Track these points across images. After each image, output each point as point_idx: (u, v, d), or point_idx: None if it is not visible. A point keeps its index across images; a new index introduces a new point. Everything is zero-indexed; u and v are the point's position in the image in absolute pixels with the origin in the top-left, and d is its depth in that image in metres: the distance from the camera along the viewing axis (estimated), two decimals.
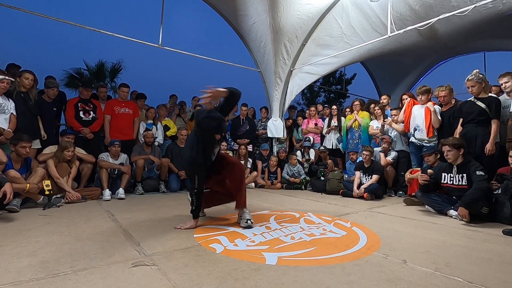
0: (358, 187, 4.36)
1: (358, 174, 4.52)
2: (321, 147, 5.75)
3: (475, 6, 3.90)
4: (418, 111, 4.27)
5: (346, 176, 5.10)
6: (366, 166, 4.49)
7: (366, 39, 5.54)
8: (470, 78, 3.44)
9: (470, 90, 3.48)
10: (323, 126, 6.20)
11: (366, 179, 4.42)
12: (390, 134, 4.90)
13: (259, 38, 6.44)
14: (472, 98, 3.54)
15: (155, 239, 2.08)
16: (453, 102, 4.13)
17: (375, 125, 5.21)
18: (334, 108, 6.10)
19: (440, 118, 4.07)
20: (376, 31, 5.43)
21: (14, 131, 3.47)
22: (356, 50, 5.72)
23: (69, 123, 4.51)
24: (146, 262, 1.63)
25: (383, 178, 4.56)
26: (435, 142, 4.07)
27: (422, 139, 4.20)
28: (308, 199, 4.27)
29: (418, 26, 4.46)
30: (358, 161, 4.83)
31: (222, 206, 3.54)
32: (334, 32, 6.09)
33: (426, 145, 4.12)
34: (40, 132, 3.99)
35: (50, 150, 3.84)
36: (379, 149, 4.88)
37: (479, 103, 3.41)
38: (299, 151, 6.32)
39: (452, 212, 3.03)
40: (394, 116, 4.80)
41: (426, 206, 3.40)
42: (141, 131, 5.06)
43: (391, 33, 4.75)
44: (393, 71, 9.04)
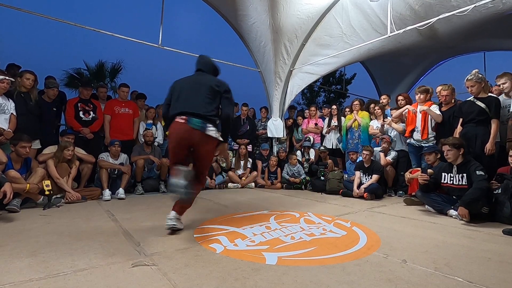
0: (358, 187, 4.36)
1: (358, 174, 4.52)
2: (321, 147, 5.75)
3: (475, 6, 3.89)
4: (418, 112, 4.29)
5: (346, 176, 5.10)
6: (366, 166, 4.49)
7: (366, 39, 5.53)
8: (469, 78, 3.44)
9: (470, 90, 3.48)
10: (323, 126, 6.20)
11: (366, 179, 4.42)
12: (390, 134, 4.90)
13: (259, 38, 6.44)
14: (471, 98, 3.54)
15: (155, 239, 2.08)
16: (453, 102, 4.13)
17: (375, 125, 5.21)
18: (334, 108, 6.10)
19: (439, 113, 4.07)
20: (376, 31, 5.43)
21: (14, 131, 3.47)
22: (356, 50, 5.72)
23: (69, 123, 4.51)
24: (146, 262, 1.63)
25: (383, 178, 4.56)
26: (433, 142, 4.09)
27: (420, 140, 4.24)
28: (308, 199, 4.27)
29: (418, 26, 4.46)
30: (358, 161, 4.83)
31: (222, 207, 3.55)
32: (334, 32, 6.09)
33: (425, 145, 4.13)
34: (40, 132, 3.98)
35: (50, 150, 3.84)
36: (379, 149, 4.88)
37: (479, 103, 3.40)
38: (299, 151, 6.32)
39: (452, 211, 3.03)
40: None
41: (426, 206, 3.40)
42: (141, 131, 5.06)
43: (391, 33, 4.75)
44: (393, 71, 9.04)
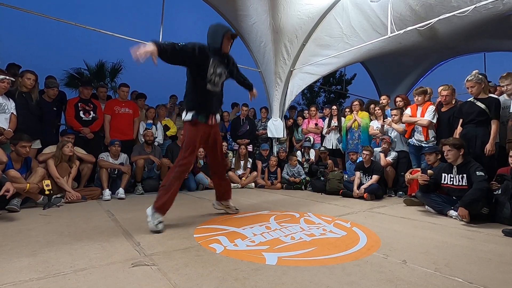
0: (358, 187, 4.35)
1: (358, 174, 4.52)
2: (321, 148, 5.75)
3: (475, 7, 3.90)
4: (418, 114, 4.32)
5: (346, 176, 5.10)
6: (366, 166, 4.49)
7: (366, 39, 5.54)
8: (469, 79, 3.44)
9: (470, 90, 3.48)
10: (323, 126, 6.20)
11: (366, 179, 4.42)
12: (390, 135, 4.90)
13: (259, 38, 6.44)
14: (471, 99, 3.54)
15: (155, 239, 2.08)
16: (453, 103, 4.13)
17: (375, 125, 5.21)
18: (334, 108, 6.10)
19: (429, 119, 4.12)
20: (376, 31, 5.43)
21: (14, 131, 3.47)
22: (356, 50, 5.72)
23: (69, 123, 4.51)
24: (146, 262, 1.63)
25: (383, 179, 4.56)
26: (433, 143, 4.10)
27: (420, 141, 4.26)
28: (308, 199, 4.27)
29: (418, 27, 4.47)
30: (358, 161, 4.83)
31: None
32: (334, 32, 6.09)
33: (425, 145, 4.15)
34: (40, 132, 3.98)
35: (50, 150, 3.84)
36: (379, 149, 4.88)
37: (479, 104, 3.41)
38: (299, 151, 6.32)
39: (452, 212, 3.03)
40: (394, 116, 4.80)
41: (426, 207, 3.40)
42: (141, 131, 5.07)
43: (391, 33, 4.75)
44: (393, 72, 9.04)
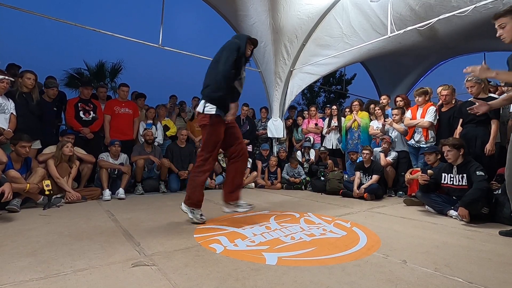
0: (358, 187, 4.35)
1: (358, 174, 4.51)
2: (321, 148, 5.75)
3: (475, 7, 3.90)
4: (418, 115, 4.35)
5: (346, 176, 5.10)
6: (366, 166, 4.49)
7: (366, 39, 5.54)
8: (469, 79, 3.44)
9: (470, 90, 3.48)
10: (323, 126, 6.20)
11: (366, 179, 4.42)
12: (390, 135, 4.90)
13: (259, 38, 6.39)
14: (471, 99, 3.54)
15: (155, 239, 2.08)
16: (453, 103, 4.14)
17: (375, 125, 5.21)
18: (334, 108, 6.10)
19: (430, 120, 4.15)
20: (376, 31, 5.43)
21: (14, 131, 3.47)
22: (356, 50, 5.72)
23: (69, 123, 4.51)
24: (146, 262, 1.63)
25: (383, 178, 4.56)
26: (431, 143, 4.14)
27: (419, 142, 4.30)
28: (308, 199, 4.27)
29: (418, 27, 4.47)
30: (358, 161, 4.83)
31: (221, 207, 3.54)
32: (334, 32, 6.09)
33: (423, 145, 4.20)
34: (40, 132, 3.98)
35: (50, 150, 3.84)
36: (379, 149, 4.88)
37: None
38: (299, 151, 6.32)
39: (452, 212, 3.03)
40: (395, 116, 4.80)
41: (426, 207, 3.40)
42: (140, 132, 5.07)
43: (391, 33, 4.75)
44: (393, 72, 9.03)
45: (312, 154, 6.09)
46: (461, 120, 3.66)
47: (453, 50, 7.36)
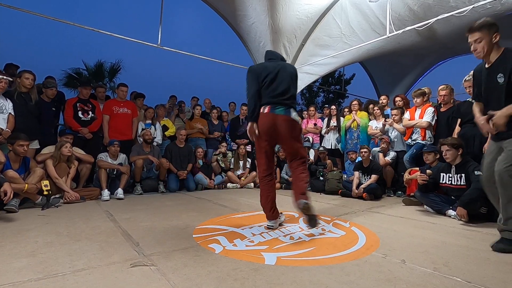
0: (357, 187, 4.36)
1: (357, 174, 4.52)
2: (320, 147, 5.75)
3: (474, 7, 3.92)
4: (417, 115, 4.39)
5: (345, 176, 5.10)
6: (365, 166, 4.50)
7: (365, 39, 5.55)
8: (467, 79, 3.46)
9: (468, 90, 3.50)
10: (322, 126, 6.20)
11: (365, 179, 4.43)
12: (390, 135, 4.91)
13: (258, 39, 6.45)
14: (470, 99, 3.55)
15: (154, 239, 2.08)
16: (452, 103, 4.15)
17: (374, 125, 5.22)
18: (333, 108, 6.10)
19: (428, 121, 4.19)
20: (375, 32, 5.44)
21: (12, 131, 3.46)
22: (355, 50, 5.73)
23: (67, 123, 4.49)
24: (145, 263, 1.63)
25: (382, 178, 4.57)
26: (428, 142, 4.18)
27: (416, 139, 4.35)
28: None
29: (417, 27, 4.48)
30: (357, 161, 4.83)
31: (221, 207, 3.55)
32: (333, 32, 6.10)
33: (419, 142, 4.28)
34: (39, 132, 3.97)
35: (49, 150, 3.83)
36: (378, 149, 4.88)
37: None
38: None
39: (450, 212, 3.04)
40: (394, 116, 4.81)
41: (425, 206, 3.41)
42: (139, 132, 5.06)
43: (390, 33, 4.77)
44: (392, 72, 9.06)
45: (311, 154, 6.09)
46: (459, 120, 3.67)
47: (451, 50, 7.39)
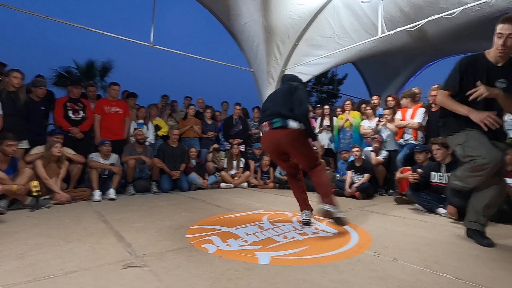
0: (350, 186, 4.40)
1: (349, 173, 4.56)
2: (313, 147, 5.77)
3: (463, 9, 3.99)
4: (408, 116, 4.47)
5: (338, 175, 5.13)
6: (358, 165, 4.54)
7: (357, 40, 5.59)
8: None
9: None
10: (315, 126, 6.23)
11: (358, 178, 4.47)
12: (382, 134, 4.96)
13: (252, 38, 6.45)
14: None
15: (147, 240, 2.06)
16: None
17: (367, 124, 5.27)
18: (326, 108, 6.14)
19: (419, 121, 4.27)
20: (367, 32, 5.49)
21: (0, 131, 3.38)
22: (347, 50, 5.78)
23: (57, 123, 4.41)
24: (137, 264, 1.61)
25: (374, 177, 4.62)
26: (420, 143, 4.26)
27: (408, 140, 4.42)
28: None
29: (408, 28, 4.55)
30: (349, 160, 4.88)
31: (214, 207, 3.53)
32: (326, 32, 6.14)
33: (411, 142, 4.35)
34: (28, 132, 3.89)
35: (38, 150, 3.75)
36: (370, 148, 4.94)
37: None
38: None
39: (441, 210, 3.09)
40: (387, 116, 4.86)
41: (416, 205, 3.46)
42: (132, 132, 5.00)
43: (382, 34, 4.82)
44: (383, 72, 9.16)
45: None
46: None
47: (441, 51, 7.51)
